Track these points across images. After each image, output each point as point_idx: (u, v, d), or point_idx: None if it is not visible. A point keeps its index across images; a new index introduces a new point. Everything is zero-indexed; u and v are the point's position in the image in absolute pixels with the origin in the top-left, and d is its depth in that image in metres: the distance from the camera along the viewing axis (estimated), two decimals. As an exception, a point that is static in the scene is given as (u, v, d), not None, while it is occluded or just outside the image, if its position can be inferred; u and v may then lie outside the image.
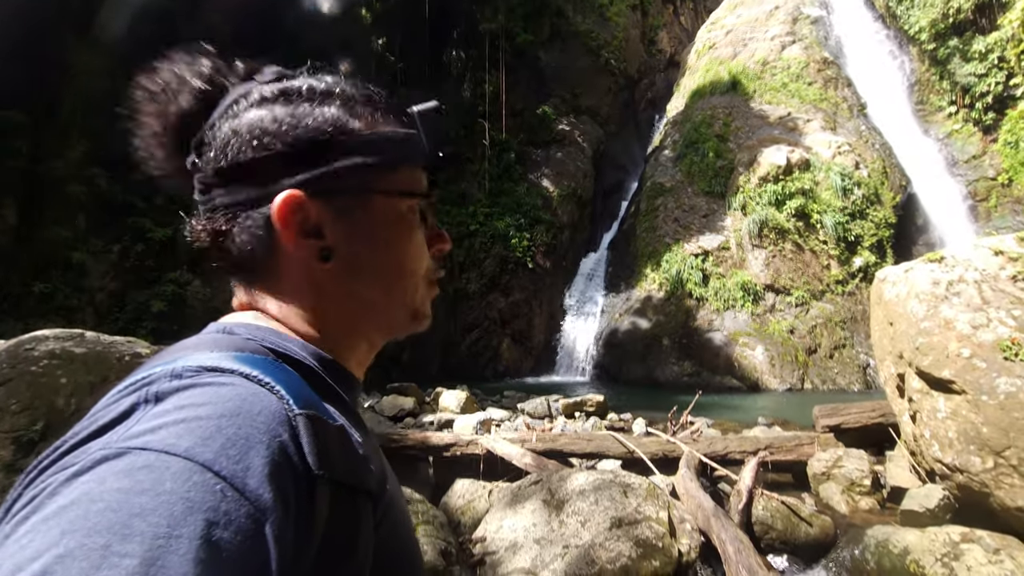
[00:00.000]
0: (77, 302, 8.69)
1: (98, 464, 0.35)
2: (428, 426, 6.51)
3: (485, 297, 14.14)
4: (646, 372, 12.02)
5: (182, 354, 0.48)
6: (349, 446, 0.49)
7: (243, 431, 0.40)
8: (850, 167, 13.35)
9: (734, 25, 18.69)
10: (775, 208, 12.81)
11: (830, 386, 10.80)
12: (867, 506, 3.99)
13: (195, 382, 0.43)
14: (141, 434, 0.38)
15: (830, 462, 4.29)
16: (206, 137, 0.56)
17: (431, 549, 2.87)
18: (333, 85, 0.60)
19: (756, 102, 15.59)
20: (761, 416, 7.29)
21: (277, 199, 0.54)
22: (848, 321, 11.82)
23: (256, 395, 0.43)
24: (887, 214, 13.02)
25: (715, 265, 12.90)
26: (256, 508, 0.37)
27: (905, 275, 3.89)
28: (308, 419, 0.44)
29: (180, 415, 0.39)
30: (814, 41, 17.02)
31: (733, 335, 11.62)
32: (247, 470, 0.38)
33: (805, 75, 15.98)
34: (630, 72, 20.48)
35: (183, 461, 0.36)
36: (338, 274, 0.59)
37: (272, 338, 0.54)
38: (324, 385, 0.53)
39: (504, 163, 16.25)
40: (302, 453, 0.42)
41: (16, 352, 4.11)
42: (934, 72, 15.09)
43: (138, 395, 0.42)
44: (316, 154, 0.56)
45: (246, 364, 0.46)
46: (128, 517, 0.32)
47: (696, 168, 14.79)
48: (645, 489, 3.23)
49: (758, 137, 14.37)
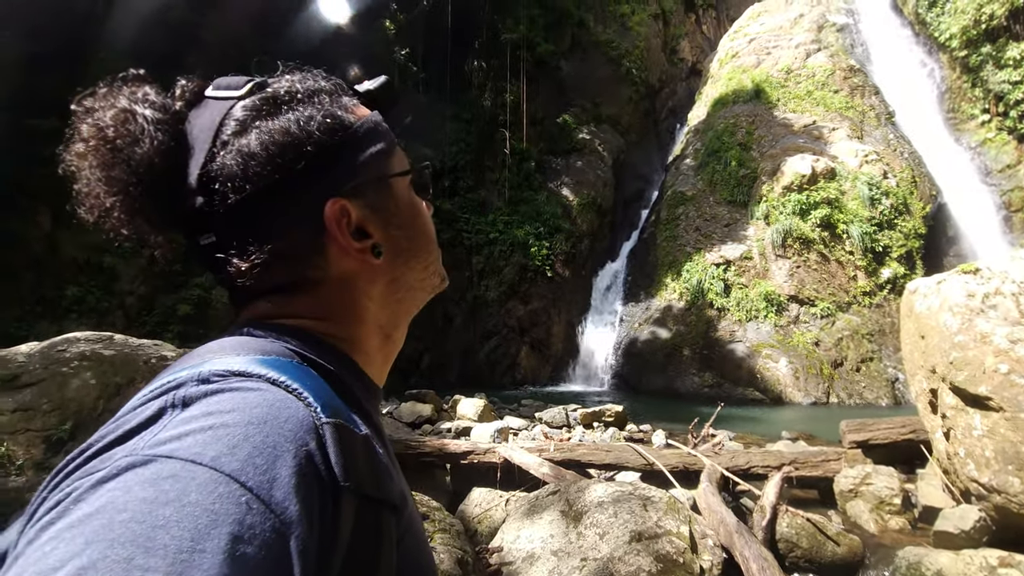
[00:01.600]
0: (108, 305, 8.95)
1: (124, 471, 0.35)
2: (446, 433, 6.51)
3: (504, 305, 14.14)
4: (666, 383, 11.85)
5: (209, 357, 0.47)
6: (374, 457, 0.48)
7: (271, 439, 0.39)
8: (878, 176, 13.06)
9: (757, 33, 18.51)
10: (799, 218, 12.58)
11: (857, 400, 10.51)
12: (897, 526, 3.85)
13: (223, 387, 0.42)
14: (168, 441, 0.37)
15: (858, 479, 4.16)
16: (211, 171, 0.51)
17: (448, 558, 2.84)
18: (313, 83, 0.59)
19: (780, 110, 15.38)
20: (785, 430, 7.12)
21: (326, 210, 0.54)
22: (876, 334, 11.51)
23: (284, 402, 0.42)
24: (916, 224, 12.68)
25: (737, 275, 12.70)
26: (282, 521, 0.36)
27: (937, 287, 3.77)
28: (336, 428, 0.43)
29: (207, 422, 0.38)
30: (840, 49, 16.75)
31: (756, 346, 11.40)
32: (274, 481, 0.37)
33: (831, 83, 15.72)
34: (651, 81, 20.42)
35: (209, 471, 0.35)
36: (387, 265, 0.60)
37: (296, 340, 0.53)
38: (349, 392, 0.52)
39: (524, 172, 16.29)
40: (329, 463, 0.41)
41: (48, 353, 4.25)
42: (966, 79, 14.71)
43: (165, 399, 0.41)
44: (334, 156, 0.55)
45: (274, 369, 0.45)
46: (152, 529, 0.31)
47: (718, 177, 14.63)
48: (665, 503, 3.16)
49: (782, 146, 14.16)
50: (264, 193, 0.51)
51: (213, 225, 0.52)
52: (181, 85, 0.55)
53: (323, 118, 0.55)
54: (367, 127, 0.59)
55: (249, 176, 0.51)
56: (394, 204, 0.61)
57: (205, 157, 0.51)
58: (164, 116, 0.52)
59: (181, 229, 0.54)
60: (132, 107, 0.51)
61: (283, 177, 0.52)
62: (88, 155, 0.50)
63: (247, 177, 0.51)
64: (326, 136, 0.54)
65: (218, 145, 0.51)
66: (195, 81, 0.56)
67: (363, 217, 0.57)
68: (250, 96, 0.54)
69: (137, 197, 0.51)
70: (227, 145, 0.51)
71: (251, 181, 0.51)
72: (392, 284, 0.61)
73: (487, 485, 4.32)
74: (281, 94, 0.55)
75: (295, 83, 0.57)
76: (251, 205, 0.51)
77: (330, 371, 0.52)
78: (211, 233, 0.53)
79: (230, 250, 0.52)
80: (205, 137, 0.52)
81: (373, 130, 0.59)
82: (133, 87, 0.52)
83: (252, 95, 0.54)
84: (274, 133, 0.52)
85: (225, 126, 0.52)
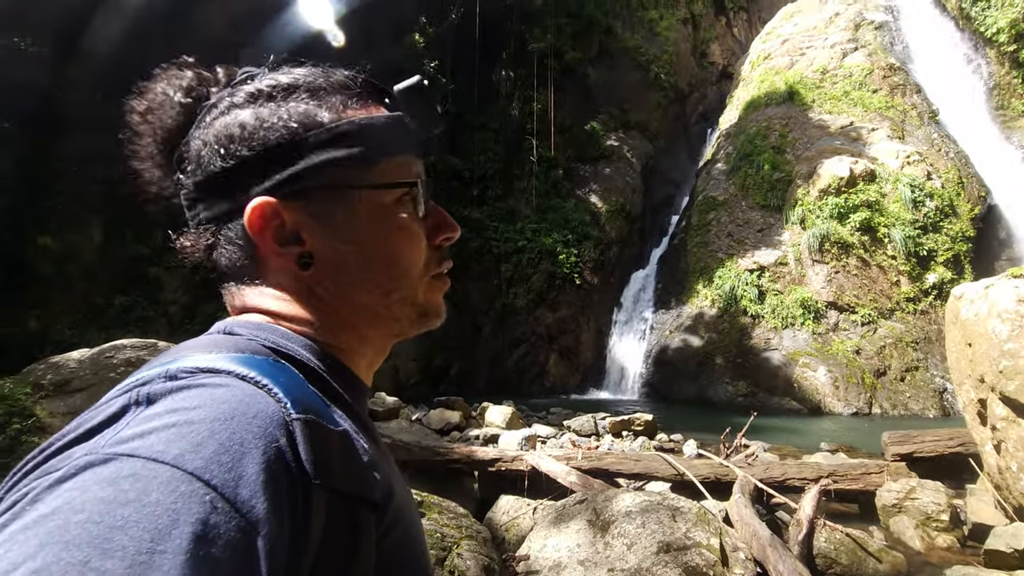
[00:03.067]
0: (153, 314, 9.36)
1: (83, 470, 0.33)
2: (474, 440, 6.53)
3: (532, 312, 14.13)
4: (698, 391, 11.60)
5: (180, 355, 0.46)
6: (351, 453, 0.46)
7: (237, 436, 0.37)
8: (921, 177, 12.53)
9: (791, 34, 18.10)
10: (837, 222, 12.17)
11: (901, 411, 10.05)
12: (945, 543, 3.67)
13: (189, 383, 0.41)
14: (129, 439, 0.36)
15: (902, 493, 3.99)
16: (183, 152, 0.55)
17: (474, 565, 2.85)
18: (299, 77, 0.57)
19: (815, 112, 14.97)
20: (823, 441, 6.89)
21: (247, 209, 0.52)
22: (921, 342, 11.00)
23: (252, 397, 0.41)
24: (964, 227, 12.09)
25: (772, 281, 12.36)
26: (247, 521, 0.34)
27: (985, 292, 3.60)
28: (306, 423, 0.42)
29: (171, 419, 0.37)
30: (878, 47, 16.22)
31: (792, 355, 11.05)
32: (239, 479, 0.36)
33: (869, 82, 15.21)
34: (680, 86, 20.19)
35: (171, 469, 0.34)
36: (324, 279, 0.56)
37: (274, 338, 0.52)
38: (329, 388, 0.51)
39: (552, 179, 16.31)
40: (299, 459, 0.40)
41: (98, 360, 4.46)
42: (1015, 75, 14.02)
43: (129, 396, 0.40)
44: (285, 155, 0.53)
45: (244, 365, 0.44)
46: (110, 530, 0.30)
47: (751, 181, 14.31)
48: (695, 514, 3.10)
49: (818, 148, 13.75)
50: (208, 179, 0.54)
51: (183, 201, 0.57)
52: (215, 72, 0.59)
53: (285, 115, 0.54)
54: (340, 131, 0.55)
55: (200, 161, 0.54)
56: (345, 215, 0.55)
57: (183, 140, 0.56)
58: (189, 100, 0.57)
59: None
60: (167, 89, 0.57)
61: (225, 167, 0.53)
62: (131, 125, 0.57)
63: (198, 162, 0.55)
64: (281, 134, 0.53)
65: (195, 129, 0.56)
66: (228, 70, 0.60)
67: (299, 222, 0.54)
68: (238, 88, 0.57)
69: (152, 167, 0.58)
70: (199, 129, 0.55)
71: (200, 166, 0.54)
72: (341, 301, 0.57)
73: (514, 493, 4.32)
74: (258, 89, 0.56)
75: (279, 78, 0.57)
76: (197, 188, 0.55)
77: (309, 368, 0.51)
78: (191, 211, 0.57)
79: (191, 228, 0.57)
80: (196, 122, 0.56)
81: (346, 134, 0.55)
82: (180, 72, 0.58)
83: (241, 86, 0.57)
84: (230, 125, 0.54)
85: (210, 113, 0.56)
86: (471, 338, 13.88)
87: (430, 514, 3.20)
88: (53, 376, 4.19)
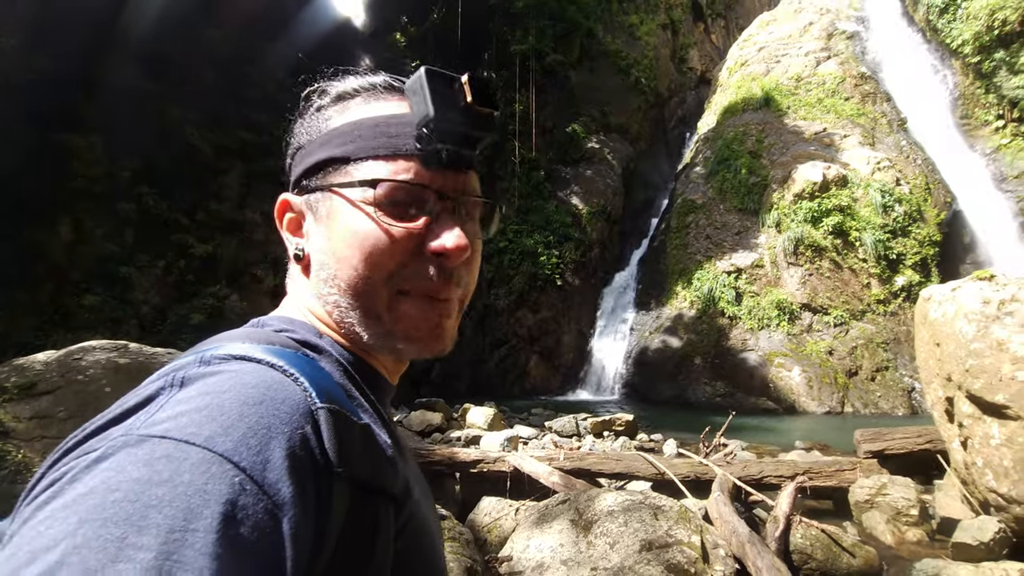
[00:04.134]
0: (123, 314, 9.07)
1: (119, 451, 0.35)
2: (455, 442, 6.50)
3: (514, 314, 14.13)
4: (677, 392, 11.75)
5: (216, 343, 0.49)
6: (373, 446, 0.48)
7: (265, 420, 0.39)
8: (890, 183, 12.93)
9: (767, 42, 18.50)
10: (811, 225, 12.47)
11: (872, 410, 10.34)
12: (915, 537, 3.78)
13: (221, 369, 0.43)
14: (163, 421, 0.37)
15: (874, 489, 4.09)
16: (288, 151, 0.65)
17: (457, 566, 2.84)
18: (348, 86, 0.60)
19: (790, 118, 15.33)
20: (798, 439, 7.03)
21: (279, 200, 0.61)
22: (891, 342, 11.33)
23: (281, 384, 0.43)
24: (931, 231, 12.51)
25: (749, 283, 12.60)
26: (274, 503, 0.36)
27: (952, 294, 3.72)
28: (330, 413, 0.43)
29: (203, 401, 0.39)
30: (850, 56, 16.69)
31: (768, 355, 11.28)
32: (267, 462, 0.37)
33: (841, 90, 15.64)
34: (660, 90, 20.45)
35: (202, 451, 0.35)
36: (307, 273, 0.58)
37: (303, 332, 0.54)
38: (353, 383, 0.52)
39: (533, 181, 16.35)
40: (323, 448, 0.41)
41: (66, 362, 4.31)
42: (979, 85, 14.56)
43: (164, 380, 0.42)
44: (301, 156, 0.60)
45: (273, 355, 0.46)
46: (145, 508, 0.31)
47: (728, 185, 14.57)
48: (676, 512, 3.13)
49: (792, 153, 14.09)
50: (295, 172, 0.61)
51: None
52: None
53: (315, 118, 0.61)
54: (336, 131, 0.56)
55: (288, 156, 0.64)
56: (327, 213, 0.56)
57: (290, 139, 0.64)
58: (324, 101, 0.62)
59: None
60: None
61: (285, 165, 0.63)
62: None
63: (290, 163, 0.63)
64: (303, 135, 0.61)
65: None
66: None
67: (299, 216, 0.60)
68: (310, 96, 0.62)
69: None
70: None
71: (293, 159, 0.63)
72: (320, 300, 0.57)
73: (497, 494, 4.30)
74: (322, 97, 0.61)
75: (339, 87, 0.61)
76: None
77: (337, 362, 0.53)
78: None
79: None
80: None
81: (342, 134, 0.56)
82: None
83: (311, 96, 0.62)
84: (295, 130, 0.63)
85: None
86: (452, 340, 13.81)
87: (412, 516, 3.17)
88: (17, 379, 4.03)
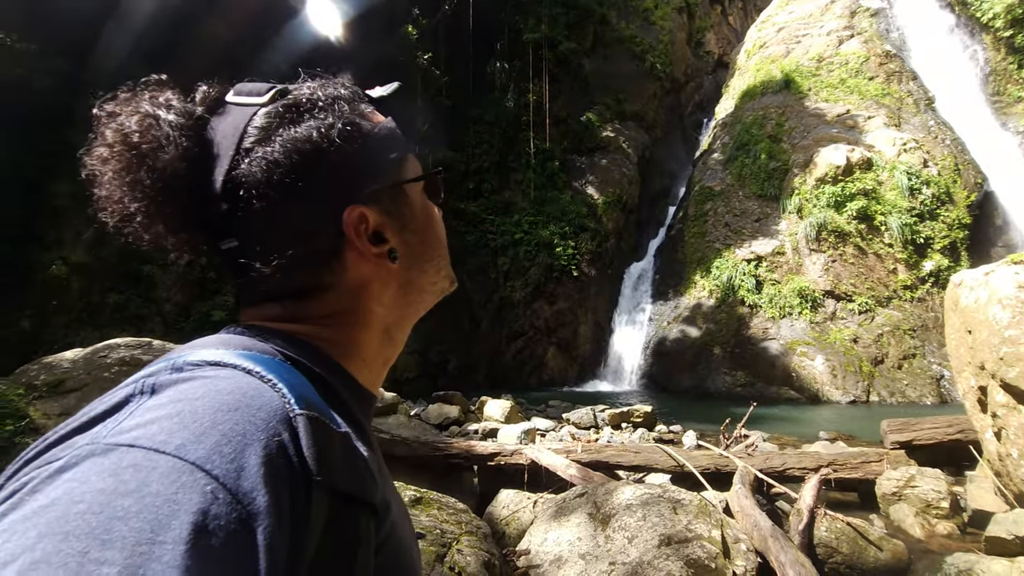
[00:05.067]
0: (147, 312, 9.28)
1: (84, 460, 0.33)
2: (473, 435, 6.52)
3: (530, 305, 14.10)
4: (696, 382, 11.62)
5: (188, 350, 0.47)
6: (353, 456, 0.46)
7: (240, 427, 0.37)
8: (917, 165, 12.51)
9: (786, 22, 17.99)
10: (834, 210, 12.15)
11: (899, 399, 10.09)
12: (945, 531, 3.67)
13: (194, 375, 0.41)
14: (131, 429, 0.36)
15: (902, 481, 3.98)
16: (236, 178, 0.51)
17: (474, 560, 2.83)
18: (333, 90, 0.59)
19: (811, 100, 14.91)
20: (822, 430, 6.90)
21: (345, 217, 0.55)
22: (919, 329, 11.03)
23: (257, 390, 0.41)
24: (960, 214, 12.09)
25: (769, 271, 12.35)
26: (248, 512, 0.34)
27: (985, 279, 3.58)
28: (309, 420, 0.42)
29: (174, 408, 0.37)
30: (874, 34, 16.14)
31: (790, 344, 11.07)
32: (241, 470, 0.35)
33: (865, 70, 15.15)
34: (676, 76, 20.08)
35: (173, 459, 0.34)
36: (401, 269, 0.61)
37: (283, 342, 0.52)
38: (333, 394, 0.51)
39: (548, 172, 16.23)
40: (301, 455, 0.40)
41: (92, 359, 4.41)
42: (1012, 61, 13.97)
43: (134, 387, 0.40)
44: (353, 163, 0.56)
45: (250, 361, 0.45)
46: (110, 520, 0.30)
47: (747, 171, 14.27)
48: (696, 505, 3.08)
49: (814, 136, 13.71)
50: (288, 200, 0.52)
51: (236, 230, 0.52)
52: (202, 90, 0.55)
53: (343, 126, 0.55)
54: (384, 134, 0.60)
55: (273, 183, 0.51)
56: (408, 209, 0.62)
57: (229, 164, 0.51)
58: (187, 121, 0.52)
59: (202, 233, 0.54)
60: (156, 112, 0.51)
61: (305, 184, 0.52)
62: (111, 160, 0.50)
63: (271, 184, 0.51)
64: (346, 144, 0.55)
65: (241, 152, 0.51)
66: (216, 86, 0.56)
67: (380, 222, 0.58)
68: (272, 103, 0.54)
69: (160, 202, 0.50)
70: (251, 152, 0.51)
71: (275, 188, 0.51)
72: (404, 287, 0.62)
73: (514, 487, 4.30)
74: (303, 101, 0.55)
75: (316, 90, 0.57)
76: (274, 211, 0.52)
77: (315, 373, 0.51)
78: (233, 238, 0.53)
79: (252, 254, 0.52)
80: (228, 144, 0.52)
81: (389, 136, 0.61)
82: (155, 92, 0.53)
83: (274, 102, 0.55)
84: (297, 141, 0.52)
85: (248, 133, 0.52)
86: (469, 332, 13.86)
87: (429, 510, 3.18)
88: (47, 376, 4.14)
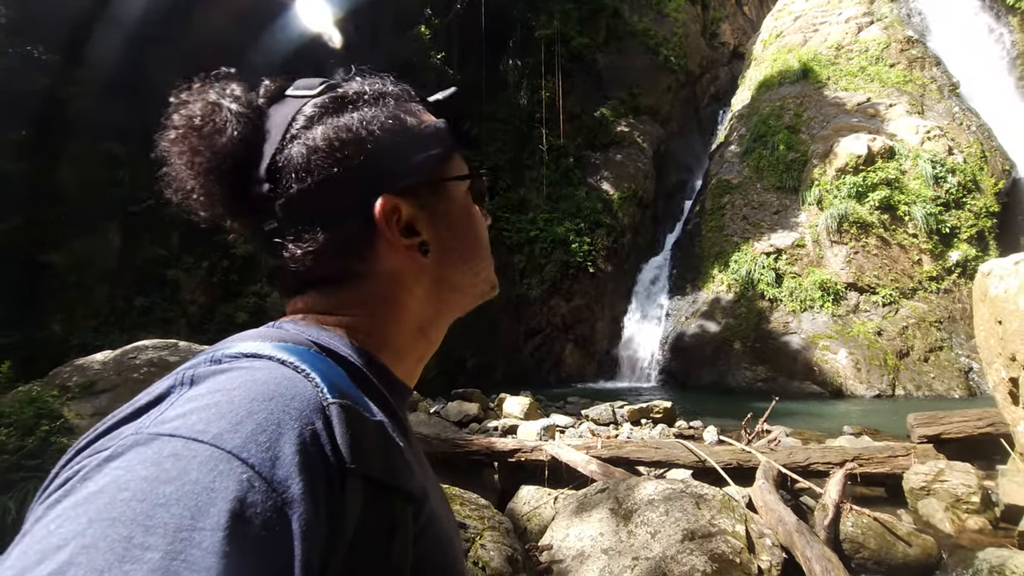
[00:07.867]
0: (172, 314, 9.49)
1: (128, 450, 0.35)
2: (492, 432, 6.55)
3: (547, 302, 14.09)
4: (716, 377, 11.50)
5: (228, 344, 0.49)
6: (388, 445, 0.47)
7: (275, 416, 0.39)
8: (942, 153, 12.19)
9: (803, 10, 17.66)
10: (856, 201, 11.91)
11: (926, 392, 9.87)
12: (976, 525, 3.60)
13: (232, 366, 0.43)
14: (172, 419, 0.37)
15: (930, 476, 3.91)
16: (278, 161, 0.54)
17: (497, 555, 2.86)
18: (381, 86, 0.62)
19: (830, 89, 14.61)
20: (846, 424, 6.79)
21: (376, 205, 0.56)
22: (945, 321, 10.77)
23: (291, 380, 0.43)
24: (988, 202, 11.76)
25: (789, 264, 12.16)
26: (284, 500, 0.36)
27: (1016, 267, 3.49)
28: (342, 408, 0.43)
29: (212, 399, 0.39)
30: (895, 20, 15.75)
31: (812, 338, 10.89)
32: (276, 459, 0.37)
33: (886, 57, 14.80)
34: (691, 68, 19.83)
35: (210, 448, 0.35)
36: (433, 264, 0.61)
37: (319, 334, 0.54)
38: (368, 384, 0.52)
39: (562, 168, 16.18)
40: (335, 444, 0.41)
41: (121, 361, 4.53)
42: (1041, 42, 13.54)
43: (175, 379, 0.42)
44: (391, 155, 0.58)
45: (285, 352, 0.46)
46: (152, 507, 0.32)
47: (765, 162, 14.05)
48: (719, 501, 3.07)
49: (834, 126, 13.44)
50: (323, 184, 0.54)
51: (276, 212, 0.55)
52: (265, 84, 0.59)
53: (385, 119, 0.58)
54: (428, 131, 0.61)
55: (311, 168, 0.54)
56: (446, 206, 0.62)
57: (276, 148, 0.55)
58: (246, 110, 0.56)
59: (250, 215, 0.57)
60: (219, 100, 0.55)
61: (342, 171, 0.55)
62: (178, 141, 0.54)
63: (309, 168, 0.54)
64: (386, 136, 0.57)
65: (287, 138, 0.55)
66: (278, 80, 0.60)
67: (413, 216, 0.59)
68: (321, 95, 0.58)
69: (216, 181, 0.54)
70: (296, 138, 0.55)
71: (312, 172, 0.54)
72: (437, 283, 0.62)
73: (535, 483, 4.31)
74: (349, 95, 0.59)
75: (364, 85, 0.61)
76: (310, 195, 0.54)
77: (350, 363, 0.52)
78: (274, 220, 0.56)
79: (288, 236, 0.55)
80: (278, 130, 0.56)
81: (433, 135, 0.62)
82: (223, 83, 0.57)
83: (323, 95, 0.58)
84: (338, 129, 0.56)
85: (296, 121, 0.56)
86: (487, 330, 13.89)
87: (452, 505, 3.21)
88: (79, 378, 4.27)
